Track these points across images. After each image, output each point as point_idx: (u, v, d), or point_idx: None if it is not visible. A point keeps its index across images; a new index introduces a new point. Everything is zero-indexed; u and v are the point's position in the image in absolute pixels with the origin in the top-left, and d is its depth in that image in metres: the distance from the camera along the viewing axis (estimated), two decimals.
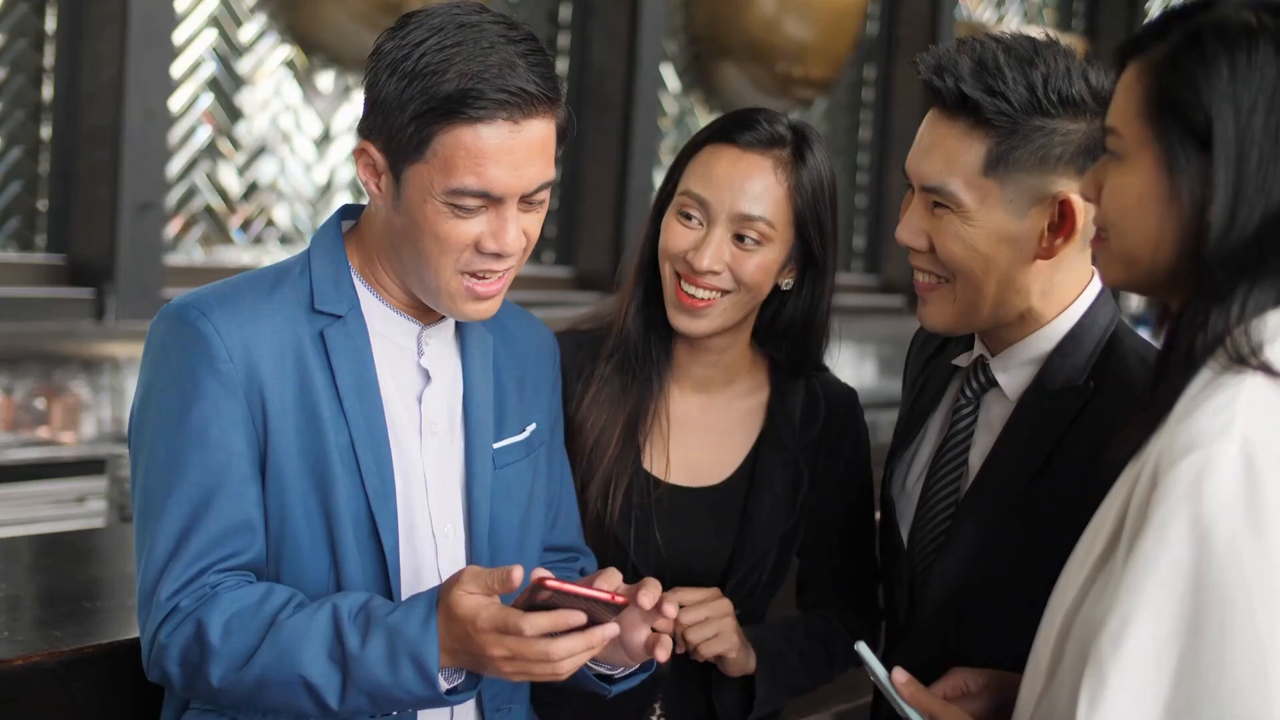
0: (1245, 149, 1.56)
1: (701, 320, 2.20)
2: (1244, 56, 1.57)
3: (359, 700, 1.80)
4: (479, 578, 1.76)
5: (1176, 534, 1.49)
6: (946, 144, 2.00)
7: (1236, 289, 1.57)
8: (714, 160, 2.20)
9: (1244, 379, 1.54)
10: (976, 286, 2.02)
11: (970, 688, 1.93)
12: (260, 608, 1.82)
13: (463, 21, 1.84)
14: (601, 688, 2.00)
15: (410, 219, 1.87)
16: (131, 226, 4.89)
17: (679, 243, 2.20)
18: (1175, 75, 1.60)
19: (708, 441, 2.29)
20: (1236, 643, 1.46)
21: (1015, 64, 1.98)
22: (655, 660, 1.95)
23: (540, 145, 1.87)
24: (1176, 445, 1.52)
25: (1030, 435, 2.05)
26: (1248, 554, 1.46)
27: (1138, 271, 1.67)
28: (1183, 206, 1.60)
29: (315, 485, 1.88)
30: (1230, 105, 1.57)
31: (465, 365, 2.02)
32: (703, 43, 7.24)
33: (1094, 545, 1.63)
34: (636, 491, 2.22)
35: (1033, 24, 9.38)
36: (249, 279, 1.95)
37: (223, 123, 5.50)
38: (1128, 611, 1.50)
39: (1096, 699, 1.51)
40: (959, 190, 1.99)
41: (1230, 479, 1.48)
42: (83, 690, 2.03)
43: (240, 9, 5.48)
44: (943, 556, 2.08)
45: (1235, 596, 1.46)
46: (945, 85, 2.00)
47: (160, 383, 1.88)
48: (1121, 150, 1.66)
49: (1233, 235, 1.56)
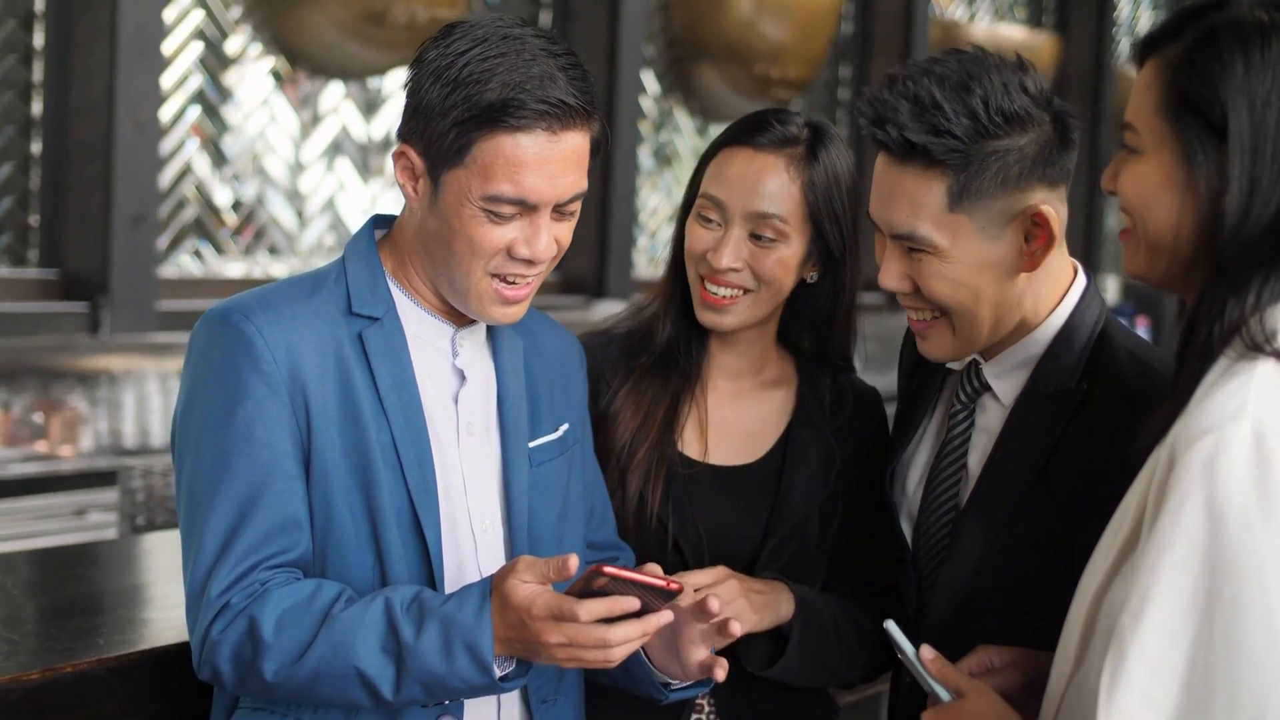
0: (1260, 142, 1.62)
1: (726, 316, 2.25)
2: (1258, 53, 1.63)
3: (414, 690, 1.82)
4: (534, 567, 1.79)
5: (1192, 513, 1.54)
6: (905, 190, 1.99)
7: (1252, 279, 1.62)
8: (729, 163, 2.26)
9: (1257, 365, 1.59)
10: (971, 316, 2.03)
11: (995, 664, 1.98)
12: (312, 602, 1.84)
13: (506, 34, 1.89)
14: (660, 692, 2.04)
15: (445, 222, 1.91)
16: (124, 239, 4.90)
17: (700, 244, 2.26)
18: (1192, 72, 1.65)
19: (742, 426, 2.33)
20: (1250, 617, 1.51)
21: (952, 95, 1.95)
22: (711, 680, 1.99)
23: (576, 156, 1.91)
24: (1192, 429, 1.57)
25: (1027, 440, 2.07)
26: (1260, 532, 1.52)
27: (1160, 260, 1.72)
28: (1200, 197, 1.65)
29: (359, 483, 1.91)
30: (1245, 100, 1.62)
31: (498, 366, 2.06)
32: (681, 45, 7.29)
33: (1120, 530, 1.68)
34: (675, 473, 2.27)
35: (1003, 21, 9.46)
36: (287, 284, 1.99)
37: (210, 134, 5.52)
38: (1146, 589, 1.56)
39: (1117, 672, 1.56)
40: (930, 233, 1.98)
41: (1243, 460, 1.53)
42: (130, 696, 2.05)
43: (225, 21, 5.50)
44: (948, 564, 2.10)
45: (1248, 573, 1.52)
46: (890, 136, 1.97)
47: (204, 385, 1.91)
48: (1140, 146, 1.71)
49: (1248, 226, 1.62)
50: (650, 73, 7.16)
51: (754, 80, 7.33)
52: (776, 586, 2.23)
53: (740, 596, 2.16)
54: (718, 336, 2.32)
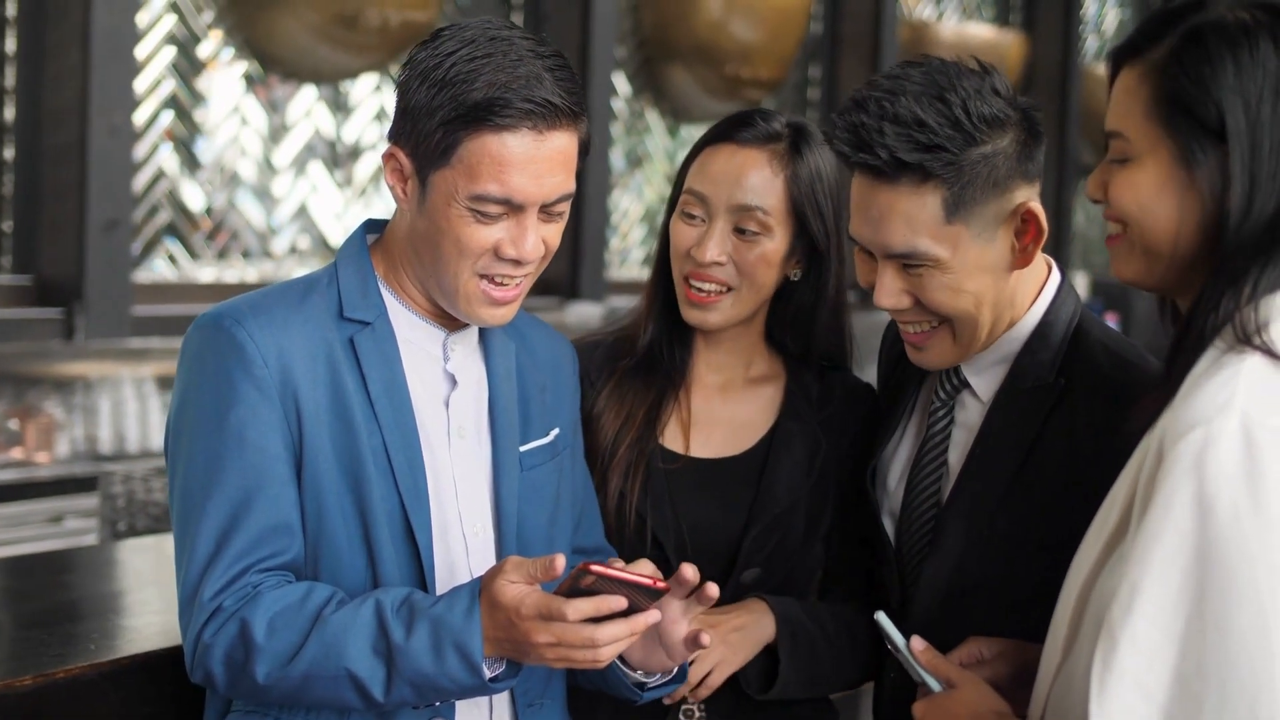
0: (1258, 138, 1.64)
1: (711, 314, 2.26)
2: (1246, 52, 1.65)
3: (404, 691, 1.83)
4: (521, 567, 1.80)
5: (1181, 506, 1.55)
6: (899, 209, 1.98)
7: (1250, 270, 1.64)
8: (712, 159, 2.28)
9: (1244, 358, 1.61)
10: (973, 321, 2.05)
11: (985, 655, 2.00)
12: (303, 605, 1.85)
13: (494, 35, 1.91)
14: (634, 693, 2.05)
15: (433, 223, 1.92)
16: (98, 244, 4.88)
17: (684, 241, 2.27)
18: (1183, 74, 1.67)
19: (729, 420, 2.35)
20: (1240, 608, 1.53)
21: (931, 109, 1.95)
22: (685, 675, 2.04)
23: (563, 157, 1.92)
24: (1180, 422, 1.59)
25: (1007, 436, 2.08)
26: (1249, 523, 1.53)
27: (1158, 264, 1.73)
28: (1201, 196, 1.67)
29: (350, 487, 1.92)
30: (1239, 98, 1.65)
31: (490, 371, 2.07)
32: (651, 46, 7.30)
33: (1107, 521, 1.70)
34: (656, 468, 2.28)
35: (971, 20, 9.49)
36: (279, 289, 1.99)
37: (183, 138, 5.51)
38: (1137, 580, 1.57)
39: (1109, 662, 1.57)
40: (930, 247, 1.98)
41: (1231, 453, 1.55)
42: (123, 700, 2.06)
43: (198, 25, 5.49)
44: (930, 560, 2.12)
45: (1238, 564, 1.53)
46: (879, 159, 1.95)
47: (197, 389, 1.92)
48: (1130, 152, 1.72)
49: (1250, 221, 1.64)
50: (621, 74, 7.17)
51: (724, 81, 7.35)
52: (755, 608, 2.22)
53: (718, 645, 2.16)
54: (704, 335, 2.34)
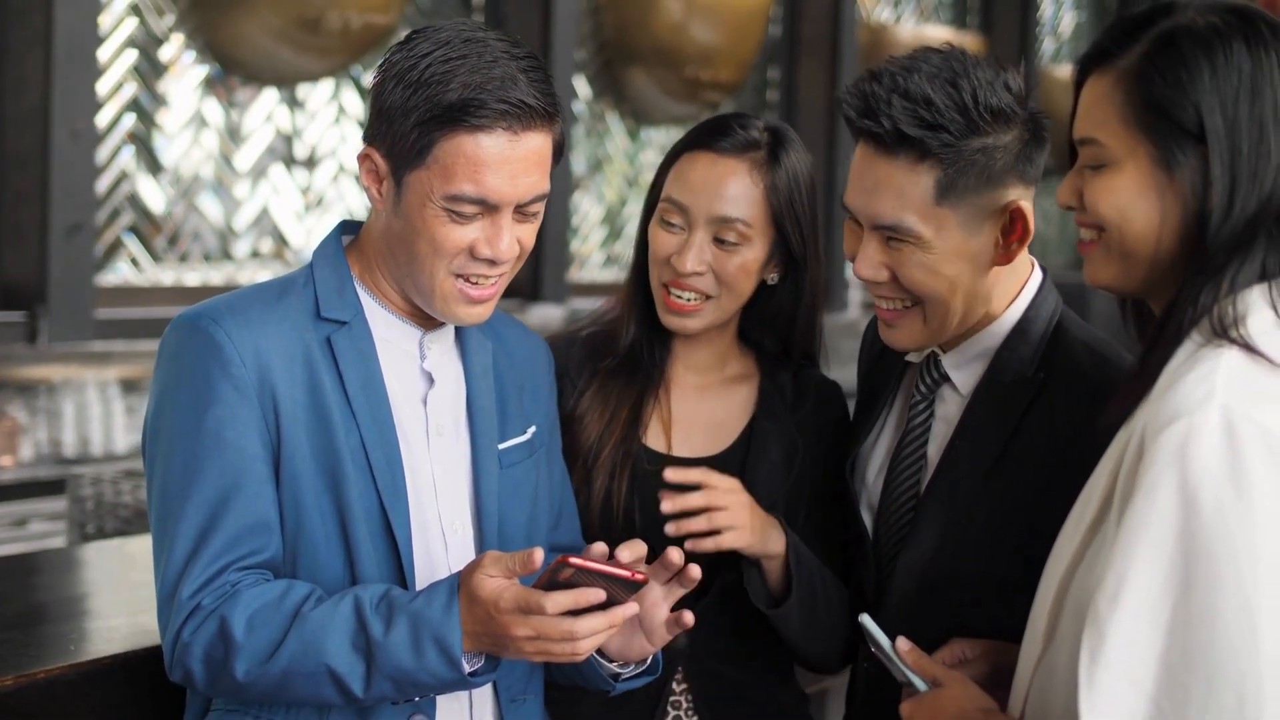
0: (1236, 139, 1.67)
1: (691, 320, 2.29)
2: (1220, 55, 1.68)
3: (383, 686, 1.85)
4: (500, 561, 1.82)
5: (1165, 497, 1.58)
6: (893, 182, 2.01)
7: (1228, 265, 1.67)
8: (691, 167, 2.29)
9: (1222, 352, 1.64)
10: (945, 306, 2.07)
11: (968, 655, 2.02)
12: (282, 602, 1.86)
13: (468, 37, 1.93)
14: (607, 683, 2.07)
15: (408, 223, 1.94)
16: (61, 248, 4.87)
17: (664, 248, 2.29)
18: (1159, 78, 1.70)
19: (707, 419, 2.37)
20: (1224, 596, 1.55)
21: (942, 90, 1.97)
22: (659, 667, 2.07)
23: (537, 157, 1.94)
24: (1161, 415, 1.61)
25: (985, 428, 2.11)
26: (1232, 513, 1.56)
27: (1137, 268, 1.75)
28: (1182, 198, 1.70)
29: (328, 485, 1.93)
30: (1217, 100, 1.67)
31: (467, 368, 2.08)
32: (611, 49, 7.32)
33: (1085, 512, 1.72)
34: (641, 467, 2.30)
35: (928, 22, 9.55)
36: (255, 290, 2.01)
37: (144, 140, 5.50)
38: (1122, 572, 1.59)
39: (1096, 654, 1.59)
40: (915, 224, 2.01)
41: (1213, 444, 1.57)
42: (103, 700, 2.06)
43: (159, 28, 5.48)
44: (906, 550, 2.14)
45: (1222, 553, 1.56)
46: (882, 127, 1.98)
47: (174, 389, 1.93)
48: (1107, 158, 1.74)
49: (1231, 220, 1.67)
50: (581, 77, 7.19)
51: (684, 83, 7.38)
52: (772, 520, 2.22)
53: (746, 509, 2.16)
54: (681, 336, 2.36)
